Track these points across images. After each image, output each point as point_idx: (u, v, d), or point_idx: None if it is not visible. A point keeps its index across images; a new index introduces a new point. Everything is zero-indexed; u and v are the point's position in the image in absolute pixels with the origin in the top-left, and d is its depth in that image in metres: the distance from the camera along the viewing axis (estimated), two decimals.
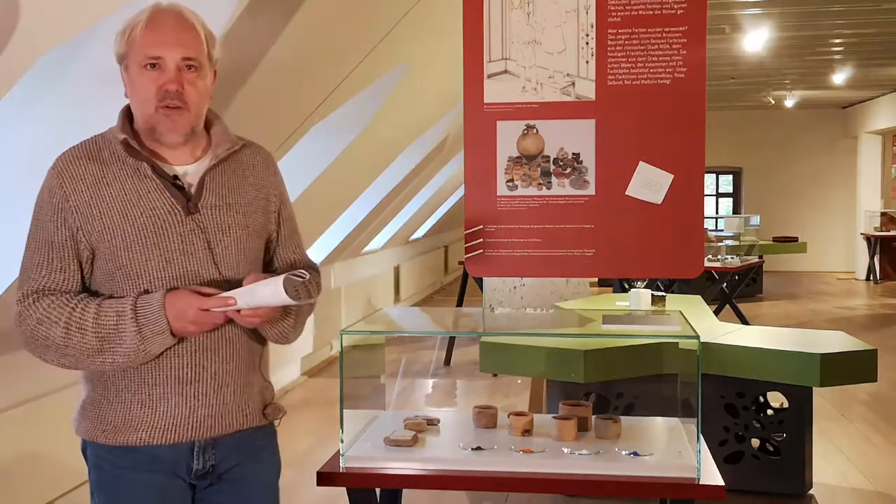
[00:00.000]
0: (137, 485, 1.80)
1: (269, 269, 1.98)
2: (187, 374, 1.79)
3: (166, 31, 1.77)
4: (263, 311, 1.79)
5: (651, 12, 3.01)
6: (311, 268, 2.03)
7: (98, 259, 1.79)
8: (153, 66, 1.77)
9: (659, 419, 2.69)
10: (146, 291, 1.76)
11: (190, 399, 1.79)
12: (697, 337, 2.24)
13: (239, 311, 1.76)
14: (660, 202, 3.04)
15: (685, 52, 3.00)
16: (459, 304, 7.76)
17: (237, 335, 1.85)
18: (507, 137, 3.08)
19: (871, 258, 13.82)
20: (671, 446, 2.44)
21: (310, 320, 2.64)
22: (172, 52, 1.77)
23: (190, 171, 1.85)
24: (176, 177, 1.82)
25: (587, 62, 3.04)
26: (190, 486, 1.85)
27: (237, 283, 1.81)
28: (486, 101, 3.09)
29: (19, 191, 3.13)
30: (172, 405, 1.79)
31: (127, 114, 1.85)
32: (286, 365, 6.49)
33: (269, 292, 1.75)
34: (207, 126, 1.89)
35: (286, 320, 1.91)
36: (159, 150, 1.83)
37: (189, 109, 1.79)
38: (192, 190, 1.82)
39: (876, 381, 3.94)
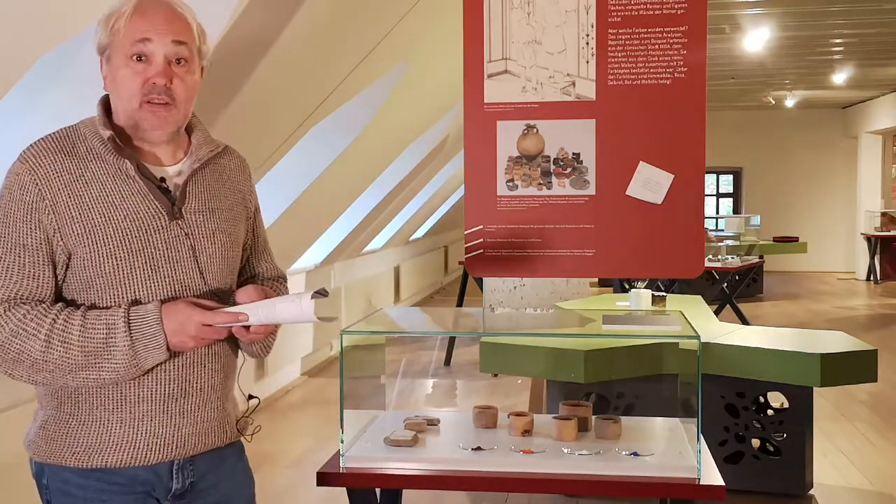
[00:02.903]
0: None
1: (238, 278, 1.85)
2: (173, 390, 1.66)
3: (156, 18, 1.63)
4: (274, 328, 1.70)
5: (651, 12, 3.00)
6: (282, 278, 1.96)
7: (75, 265, 1.62)
8: (139, 58, 1.62)
9: (659, 419, 2.68)
10: (136, 301, 1.62)
11: (175, 416, 1.67)
12: (698, 337, 2.24)
13: (247, 327, 1.64)
14: (660, 202, 3.04)
15: (685, 52, 2.99)
16: (459, 304, 7.76)
17: (222, 348, 1.74)
18: (507, 137, 3.08)
19: (872, 258, 13.83)
20: (671, 446, 2.43)
21: None
22: (162, 37, 1.62)
23: (171, 173, 1.71)
24: (163, 179, 1.69)
25: (587, 62, 3.04)
26: None
27: (222, 293, 1.71)
28: (486, 100, 3.08)
29: None
30: (157, 423, 1.65)
31: (105, 107, 1.70)
32: (286, 365, 6.49)
33: (292, 308, 1.62)
34: (187, 127, 1.76)
35: (273, 335, 1.82)
36: (141, 148, 1.69)
37: (177, 106, 1.65)
38: (177, 193, 1.69)
39: (876, 381, 3.94)
